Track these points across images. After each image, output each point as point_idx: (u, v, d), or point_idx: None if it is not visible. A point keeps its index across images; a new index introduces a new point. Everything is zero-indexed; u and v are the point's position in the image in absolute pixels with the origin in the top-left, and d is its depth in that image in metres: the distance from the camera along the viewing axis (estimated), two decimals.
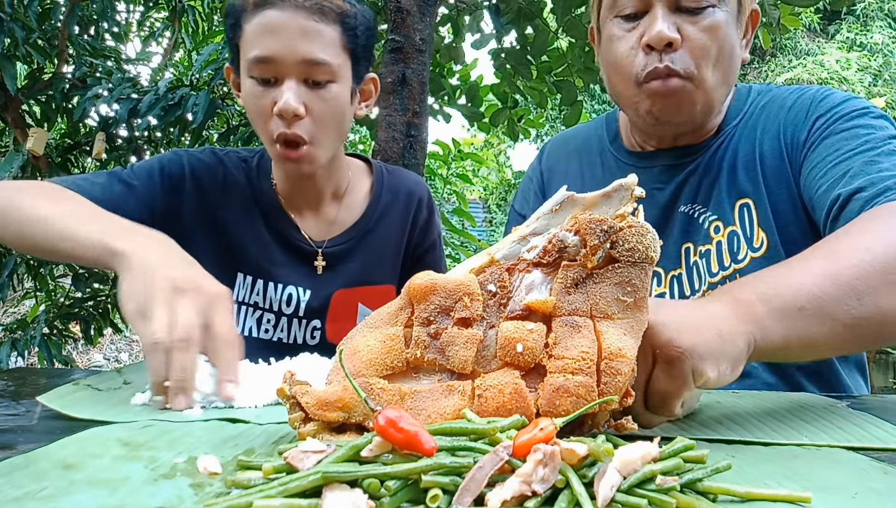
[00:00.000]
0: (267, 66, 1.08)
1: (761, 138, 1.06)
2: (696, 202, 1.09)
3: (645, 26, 1.00)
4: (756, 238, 1.03)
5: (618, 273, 0.60)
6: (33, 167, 2.72)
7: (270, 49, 1.08)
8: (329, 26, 1.11)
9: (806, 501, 0.48)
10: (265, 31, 1.08)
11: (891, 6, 11.22)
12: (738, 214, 1.05)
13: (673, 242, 1.10)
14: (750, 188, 1.05)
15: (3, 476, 0.52)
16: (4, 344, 2.74)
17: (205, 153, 1.30)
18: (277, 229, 1.27)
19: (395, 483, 0.44)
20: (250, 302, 1.27)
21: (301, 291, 1.27)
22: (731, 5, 1.00)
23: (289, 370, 0.62)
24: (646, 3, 1.00)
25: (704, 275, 1.06)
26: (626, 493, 0.45)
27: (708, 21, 0.98)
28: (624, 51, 1.02)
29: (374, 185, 1.36)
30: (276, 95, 1.09)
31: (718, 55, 0.99)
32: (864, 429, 0.71)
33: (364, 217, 1.32)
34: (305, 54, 1.08)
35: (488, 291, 0.62)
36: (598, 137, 1.25)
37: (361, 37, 1.17)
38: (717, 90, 1.02)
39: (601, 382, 0.56)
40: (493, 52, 2.94)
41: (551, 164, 1.30)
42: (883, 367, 6.30)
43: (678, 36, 0.97)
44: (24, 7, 2.47)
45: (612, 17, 1.04)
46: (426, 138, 2.43)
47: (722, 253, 1.05)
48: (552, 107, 4.78)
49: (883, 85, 10.56)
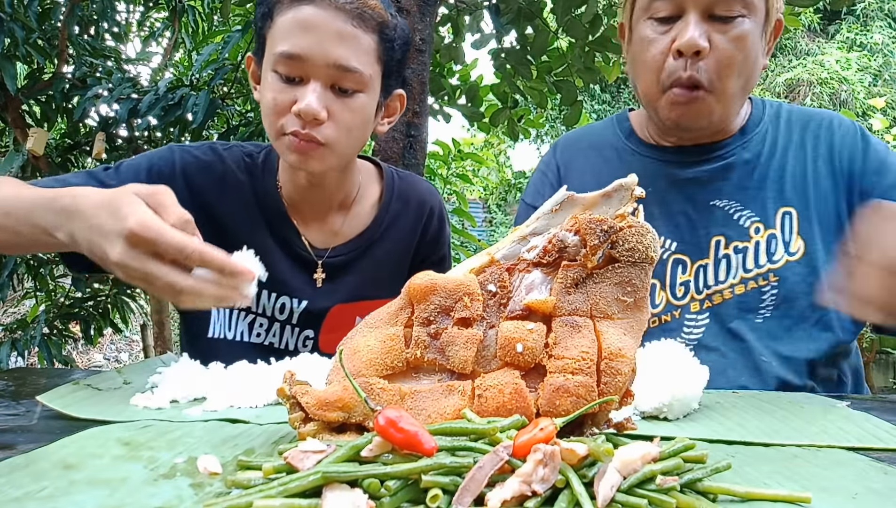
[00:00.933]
0: (294, 63, 1.02)
1: (814, 157, 1.14)
2: (734, 200, 1.14)
3: (678, 30, 1.03)
4: (794, 244, 1.10)
5: (618, 273, 0.60)
6: (33, 167, 2.72)
7: (301, 47, 1.02)
8: (367, 34, 1.05)
9: (806, 501, 0.48)
10: (299, 27, 1.02)
11: (891, 6, 11.22)
12: (780, 219, 1.11)
13: (703, 233, 1.14)
14: (795, 199, 1.12)
15: (4, 475, 0.52)
16: (4, 344, 2.74)
17: (201, 149, 1.22)
18: (279, 235, 1.21)
19: (395, 483, 0.44)
20: (242, 306, 1.19)
21: (295, 302, 1.21)
22: (759, 15, 1.04)
23: (289, 370, 0.62)
24: (680, 9, 1.03)
25: (737, 270, 1.11)
26: (626, 493, 0.45)
27: (737, 31, 1.02)
28: (655, 53, 1.06)
29: (384, 192, 1.28)
30: (299, 94, 1.03)
31: (742, 65, 1.04)
32: (864, 429, 0.71)
33: (371, 227, 1.25)
34: (338, 59, 1.02)
35: (488, 291, 0.62)
36: (612, 135, 1.29)
37: (398, 50, 1.12)
38: (736, 99, 1.08)
39: (601, 382, 0.56)
40: (493, 52, 2.94)
41: (567, 159, 1.32)
42: (883, 367, 6.29)
43: (707, 45, 1.02)
44: (24, 7, 2.47)
45: (645, 19, 1.08)
46: (426, 138, 2.43)
47: (759, 252, 1.11)
48: (552, 107, 4.78)
49: (883, 85, 10.56)
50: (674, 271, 1.14)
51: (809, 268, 1.08)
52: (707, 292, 1.12)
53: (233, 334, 1.20)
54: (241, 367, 0.89)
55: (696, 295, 1.12)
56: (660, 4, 1.05)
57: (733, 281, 1.10)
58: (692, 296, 1.13)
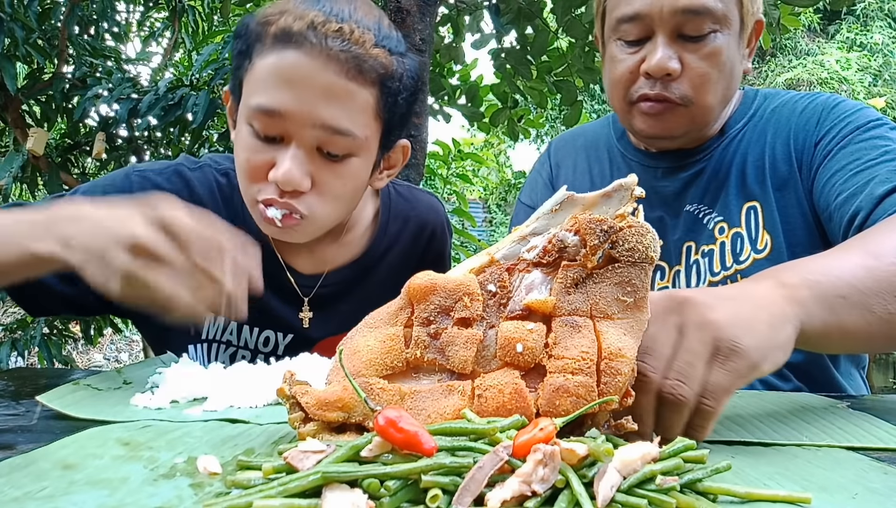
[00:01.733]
0: (273, 120, 0.86)
1: (772, 143, 1.08)
2: (703, 203, 1.11)
3: (647, 52, 1.01)
4: (760, 240, 1.05)
5: (618, 273, 0.60)
6: (33, 167, 2.72)
7: (282, 102, 0.85)
8: (364, 89, 0.87)
9: (806, 501, 0.48)
10: (281, 78, 0.85)
11: (891, 6, 11.22)
12: (744, 216, 1.07)
13: (677, 239, 1.12)
14: (758, 191, 1.07)
15: (3, 476, 0.52)
16: (4, 344, 2.74)
17: (164, 174, 1.04)
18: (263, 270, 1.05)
19: (394, 483, 0.44)
20: (222, 340, 1.09)
21: (280, 335, 1.09)
22: (733, 26, 1.00)
23: (289, 370, 0.62)
24: (648, 30, 1.00)
25: (705, 274, 1.08)
26: (626, 493, 0.45)
27: (709, 48, 0.99)
28: (622, 73, 1.04)
29: (380, 211, 1.13)
30: (278, 156, 0.87)
31: (718, 80, 1.01)
32: (864, 429, 0.71)
33: (367, 253, 1.11)
34: (326, 119, 0.85)
35: (488, 291, 0.62)
36: (605, 135, 1.27)
37: (402, 104, 0.94)
38: (714, 109, 1.05)
39: (601, 382, 0.56)
40: (493, 52, 2.94)
41: (560, 159, 1.31)
42: (883, 367, 6.30)
43: (678, 67, 0.99)
44: (24, 7, 2.47)
45: (614, 39, 1.05)
46: (426, 138, 2.43)
47: (725, 253, 1.07)
48: (552, 107, 4.78)
49: (883, 85, 10.56)
50: (653, 278, 1.12)
51: (776, 264, 1.04)
52: None
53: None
54: (241, 367, 0.89)
55: None
56: (628, 27, 1.01)
57: (704, 287, 1.07)
58: None
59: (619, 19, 1.02)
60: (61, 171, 2.78)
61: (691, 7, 0.96)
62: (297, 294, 1.08)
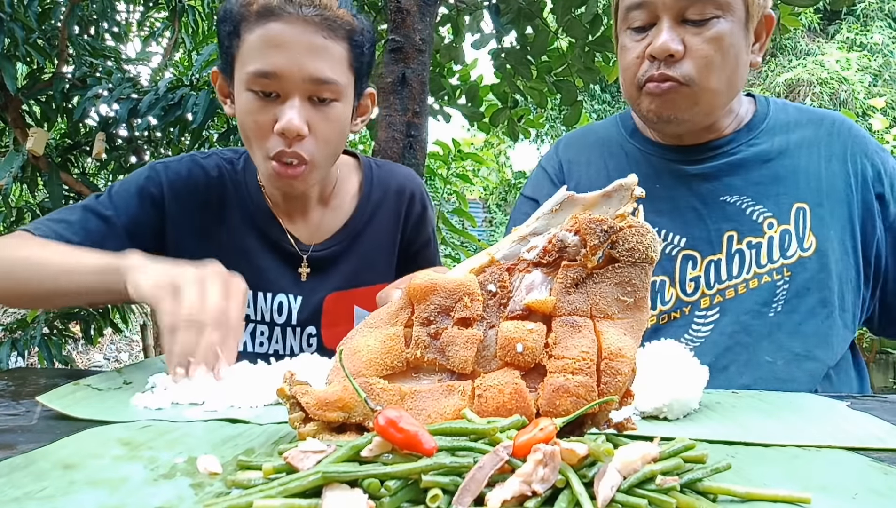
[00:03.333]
0: (270, 81, 1.03)
1: (828, 157, 1.15)
2: (746, 195, 1.14)
3: (652, 37, 1.06)
4: (806, 240, 1.10)
5: (618, 273, 0.60)
6: (33, 167, 2.72)
7: (275, 65, 1.02)
8: (337, 43, 1.06)
9: (806, 501, 0.48)
10: (269, 45, 1.02)
11: (891, 6, 11.22)
12: (794, 215, 1.12)
13: (714, 229, 1.14)
14: (810, 196, 1.12)
15: (3, 475, 0.52)
16: (4, 344, 2.74)
17: (182, 162, 1.24)
18: (265, 234, 1.23)
19: (395, 483, 0.44)
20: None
21: (292, 298, 1.23)
22: (737, 14, 1.05)
23: (289, 370, 0.62)
24: (653, 17, 1.06)
25: (751, 264, 1.11)
26: (626, 493, 0.45)
27: (712, 32, 1.03)
28: (631, 59, 1.10)
29: (363, 182, 1.31)
30: (278, 112, 1.04)
31: (722, 64, 1.05)
32: (864, 429, 0.71)
33: (353, 219, 1.28)
34: (313, 72, 1.03)
35: (488, 291, 0.62)
36: (615, 134, 1.30)
37: (367, 54, 1.12)
38: (720, 94, 1.08)
39: (601, 382, 0.56)
40: (493, 52, 2.94)
41: (571, 156, 1.32)
42: (883, 367, 6.30)
43: (681, 48, 1.03)
44: (24, 7, 2.47)
45: (624, 29, 1.11)
46: (426, 138, 2.43)
47: (773, 247, 1.11)
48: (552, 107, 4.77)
49: (883, 85, 10.56)
50: (683, 267, 1.13)
51: (820, 264, 1.08)
52: (719, 288, 1.12)
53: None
54: (241, 368, 0.89)
55: (706, 290, 1.12)
56: (635, 14, 1.08)
57: (747, 276, 1.11)
58: (703, 292, 1.12)
59: (628, 7, 1.08)
60: (61, 171, 2.78)
61: None
62: (295, 257, 1.24)
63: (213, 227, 1.22)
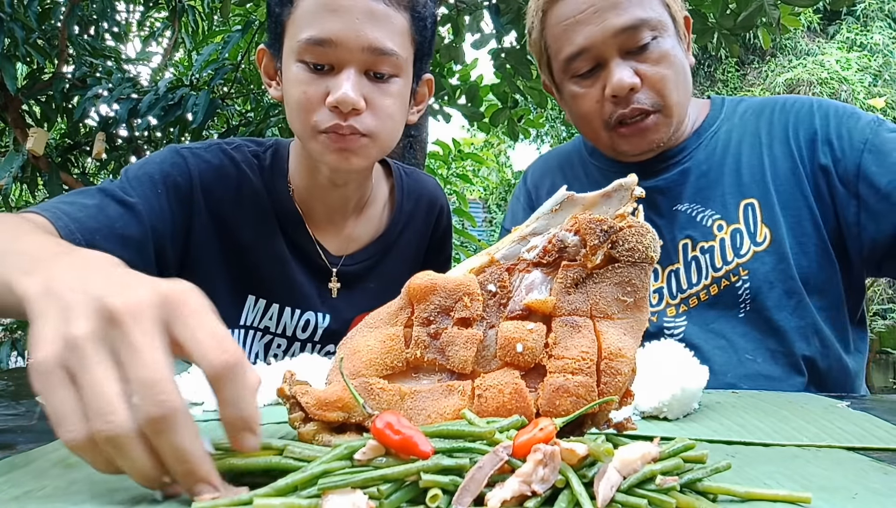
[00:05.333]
0: (325, 49, 0.93)
1: (769, 143, 1.13)
2: (695, 202, 1.15)
3: (604, 79, 1.06)
4: (759, 233, 1.09)
5: (618, 273, 0.60)
6: (33, 167, 2.72)
7: (331, 31, 0.92)
8: (399, 13, 0.96)
9: (806, 501, 0.48)
10: (326, 10, 0.92)
11: (891, 6, 11.22)
12: (742, 212, 1.11)
13: (669, 238, 1.15)
14: (755, 189, 1.11)
15: (4, 475, 0.52)
16: (4, 344, 2.74)
17: (211, 150, 1.09)
18: (296, 244, 1.12)
19: (394, 484, 0.44)
20: (259, 327, 1.12)
21: (321, 317, 1.14)
22: (668, 27, 1.07)
23: (289, 370, 0.62)
24: (598, 59, 1.06)
25: (707, 269, 1.12)
26: (626, 493, 0.45)
27: (657, 54, 1.05)
28: (590, 105, 1.10)
29: (395, 191, 1.21)
30: (331, 84, 0.94)
31: (676, 78, 1.07)
32: (864, 429, 0.71)
33: (388, 230, 1.18)
34: (372, 41, 0.93)
35: (488, 291, 0.62)
36: (577, 153, 1.33)
37: (429, 29, 1.03)
38: (682, 107, 1.11)
39: (601, 382, 0.56)
40: (493, 52, 2.94)
41: (536, 181, 1.37)
42: (883, 367, 6.30)
43: (637, 80, 1.05)
44: (24, 7, 2.47)
45: (569, 78, 1.11)
46: (426, 138, 2.43)
47: (725, 249, 1.11)
48: (552, 107, 4.78)
49: (883, 85, 10.56)
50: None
51: (778, 255, 1.07)
52: (681, 297, 1.12)
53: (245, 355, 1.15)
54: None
55: (670, 300, 1.13)
56: (577, 63, 1.08)
57: (705, 282, 1.11)
58: (667, 302, 1.14)
59: (567, 59, 1.08)
60: (61, 171, 2.78)
61: (626, 24, 1.03)
62: (326, 270, 1.14)
63: (242, 231, 1.09)
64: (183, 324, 0.45)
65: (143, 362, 0.42)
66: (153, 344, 0.43)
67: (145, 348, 0.43)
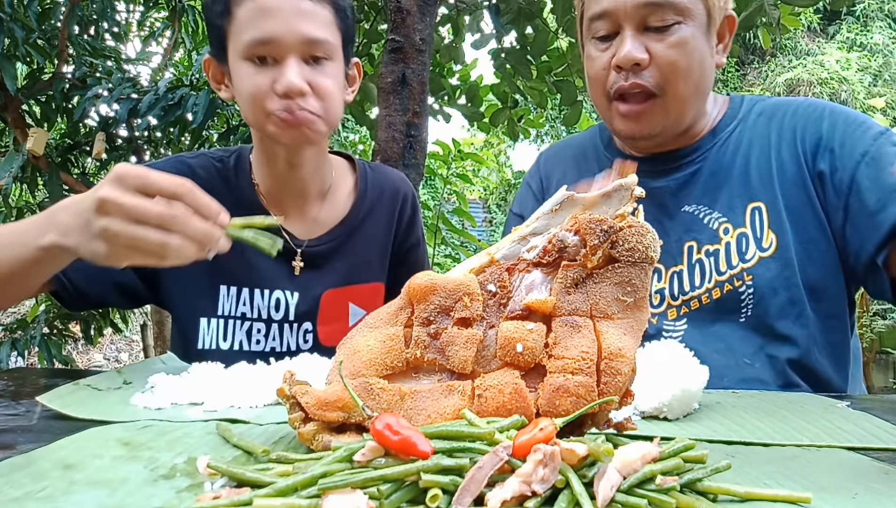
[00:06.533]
0: (267, 46, 1.08)
1: (777, 146, 1.12)
2: (702, 204, 1.13)
3: (616, 47, 1.06)
4: (766, 239, 1.08)
5: (618, 273, 0.60)
6: (33, 167, 2.72)
7: (269, 30, 1.07)
8: (322, 7, 1.12)
9: (806, 501, 0.48)
10: (262, 14, 1.08)
11: (891, 6, 11.22)
12: (749, 216, 1.10)
13: (675, 240, 1.14)
14: (763, 193, 1.10)
15: (3, 475, 0.52)
16: (4, 344, 2.74)
17: (170, 164, 1.23)
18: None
19: (394, 484, 0.44)
20: (237, 314, 1.23)
21: (289, 294, 1.24)
22: (699, 18, 1.05)
23: (289, 370, 0.62)
24: (616, 26, 1.06)
25: (711, 273, 1.10)
26: (626, 493, 0.45)
27: (675, 38, 1.04)
28: (598, 70, 1.10)
29: (359, 182, 1.34)
30: (276, 74, 1.08)
31: (688, 69, 1.05)
32: (864, 429, 0.71)
33: (350, 216, 1.30)
34: (306, 33, 1.08)
35: (488, 291, 0.62)
36: (592, 145, 1.31)
37: (350, 18, 1.19)
38: (689, 100, 1.08)
39: (601, 382, 0.56)
40: (493, 52, 2.94)
41: (549, 170, 1.35)
42: (883, 367, 6.29)
43: (646, 56, 1.04)
44: (24, 7, 2.46)
45: (589, 39, 1.12)
46: (426, 138, 2.43)
47: (730, 253, 1.09)
48: (552, 107, 4.77)
49: (883, 85, 10.56)
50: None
51: (783, 262, 1.06)
52: (683, 299, 1.11)
53: (229, 343, 1.20)
54: (241, 368, 0.89)
55: (671, 302, 1.12)
56: (598, 24, 1.08)
57: (708, 285, 1.10)
58: (668, 303, 1.12)
59: (591, 18, 1.09)
60: (61, 171, 2.78)
61: (652, 0, 1.03)
62: (290, 250, 1.24)
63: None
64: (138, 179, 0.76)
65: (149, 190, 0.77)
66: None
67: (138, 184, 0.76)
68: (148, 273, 1.19)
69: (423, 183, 2.70)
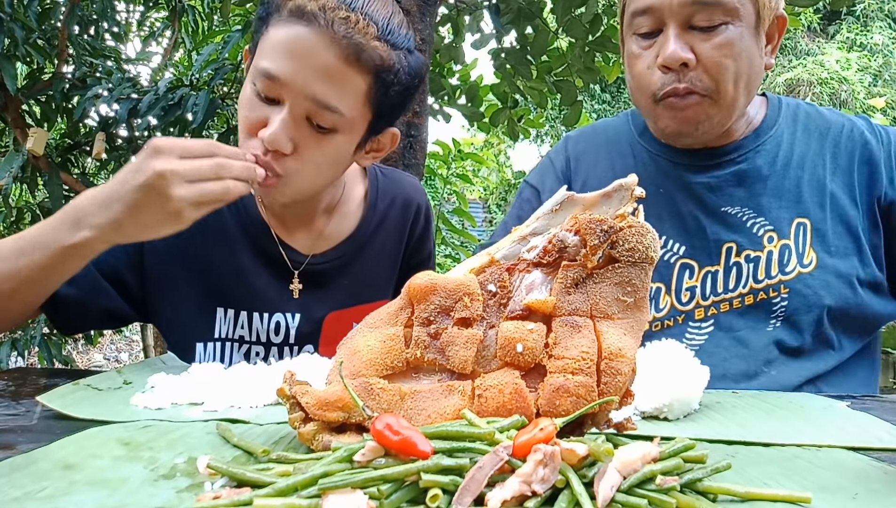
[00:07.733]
0: (272, 84, 0.94)
1: (833, 170, 1.11)
2: (747, 207, 1.11)
3: (660, 45, 1.03)
4: (807, 255, 1.07)
5: (618, 273, 0.60)
6: (33, 167, 2.72)
7: (283, 70, 0.93)
8: (359, 75, 0.95)
9: (806, 501, 0.48)
10: (286, 48, 0.93)
11: (891, 6, 11.22)
12: (794, 230, 1.09)
13: (712, 238, 1.12)
14: (812, 211, 1.09)
15: (4, 475, 0.52)
16: (4, 344, 2.74)
17: None
18: (261, 250, 1.14)
19: (394, 484, 0.44)
20: (235, 337, 1.15)
21: (289, 317, 1.15)
22: (747, 19, 1.02)
23: (289, 370, 0.62)
24: (659, 22, 1.03)
25: (748, 278, 1.09)
26: (626, 493, 0.45)
27: (721, 38, 1.00)
28: (642, 69, 1.06)
29: (369, 191, 1.22)
30: (272, 116, 0.95)
31: (737, 71, 1.02)
32: (864, 429, 0.71)
33: (359, 229, 1.19)
34: (317, 94, 0.93)
35: (488, 291, 0.62)
36: (626, 132, 1.27)
37: (395, 96, 1.01)
38: (737, 102, 1.05)
39: (601, 382, 0.56)
40: (493, 52, 2.94)
41: (579, 153, 1.30)
42: (883, 367, 6.29)
43: (692, 56, 1.00)
44: (24, 7, 2.46)
45: (630, 34, 1.08)
46: (426, 138, 2.43)
47: (772, 262, 1.08)
48: (552, 107, 4.77)
49: (883, 85, 10.56)
50: (680, 276, 1.11)
51: (821, 281, 1.05)
52: (714, 300, 1.09)
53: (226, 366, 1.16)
54: (241, 367, 0.89)
55: (701, 301, 1.10)
56: (641, 20, 1.04)
57: (742, 290, 1.08)
58: (698, 302, 1.10)
59: (633, 13, 1.05)
60: (61, 171, 2.77)
61: None
62: (289, 273, 1.16)
63: (205, 247, 1.12)
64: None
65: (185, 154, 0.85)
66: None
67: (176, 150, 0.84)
68: (139, 298, 1.13)
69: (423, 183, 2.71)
